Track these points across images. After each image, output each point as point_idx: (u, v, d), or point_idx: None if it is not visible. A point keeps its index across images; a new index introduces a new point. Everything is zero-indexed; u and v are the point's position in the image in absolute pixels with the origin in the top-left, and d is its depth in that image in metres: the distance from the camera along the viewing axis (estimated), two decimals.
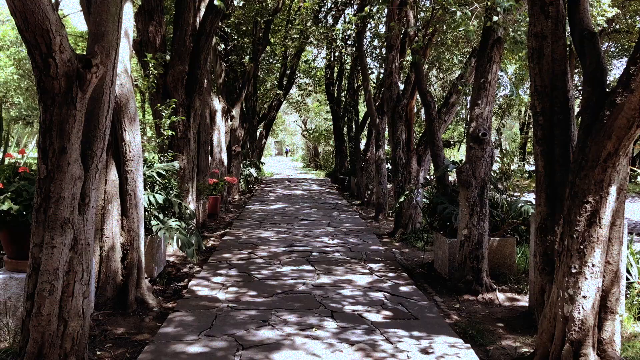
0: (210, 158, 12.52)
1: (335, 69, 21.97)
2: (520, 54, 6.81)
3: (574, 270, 3.71)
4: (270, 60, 22.20)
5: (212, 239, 9.53)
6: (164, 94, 7.85)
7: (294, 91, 26.54)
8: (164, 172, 6.53)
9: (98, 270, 5.39)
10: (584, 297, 3.68)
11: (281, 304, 5.54)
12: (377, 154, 13.05)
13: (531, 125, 26.61)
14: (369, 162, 15.50)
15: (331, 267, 7.29)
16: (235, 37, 15.69)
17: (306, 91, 24.55)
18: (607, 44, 17.32)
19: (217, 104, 13.00)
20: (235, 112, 15.18)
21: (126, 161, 5.42)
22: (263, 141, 25.47)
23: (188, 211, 6.70)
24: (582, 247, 3.68)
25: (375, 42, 16.57)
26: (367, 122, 17.48)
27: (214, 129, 12.90)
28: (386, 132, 13.56)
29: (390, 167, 17.29)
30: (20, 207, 4.26)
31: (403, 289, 6.26)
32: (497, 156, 7.61)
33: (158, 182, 6.68)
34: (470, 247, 6.30)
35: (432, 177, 8.21)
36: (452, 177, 8.55)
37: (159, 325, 4.96)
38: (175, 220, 6.23)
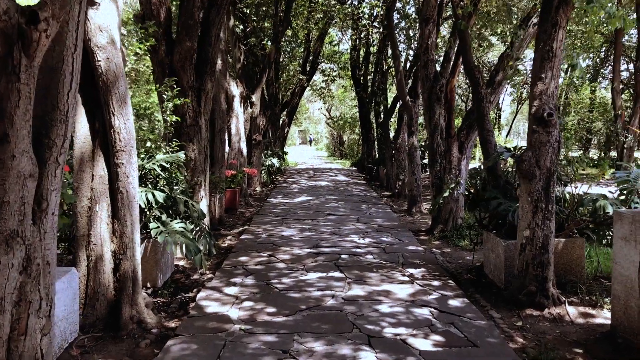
0: (227, 147, 11.56)
1: (362, 51, 20.74)
2: (592, 17, 5.63)
3: None
4: (293, 45, 21.18)
5: (229, 237, 8.57)
6: (170, 75, 6.87)
7: (317, 77, 25.45)
8: (167, 165, 5.58)
9: (85, 285, 4.50)
10: None
11: (305, 325, 4.53)
12: (410, 141, 11.87)
13: (570, 109, 25.06)
14: (399, 150, 14.33)
15: (364, 273, 6.24)
16: (255, 18, 14.66)
17: (330, 77, 23.38)
18: None
19: (235, 89, 12.02)
20: (255, 98, 14.18)
21: (116, 152, 4.46)
22: (286, 130, 24.57)
23: (196, 209, 5.72)
24: None
25: (403, 24, 15.39)
26: (397, 106, 16.24)
27: (231, 116, 11.94)
28: (420, 117, 12.41)
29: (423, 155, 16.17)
30: None
31: (452, 302, 5.18)
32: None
33: (161, 177, 5.74)
34: (534, 251, 5.21)
35: (479, 166, 7.03)
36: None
37: (157, 352, 4.03)
38: (180, 222, 5.28)
